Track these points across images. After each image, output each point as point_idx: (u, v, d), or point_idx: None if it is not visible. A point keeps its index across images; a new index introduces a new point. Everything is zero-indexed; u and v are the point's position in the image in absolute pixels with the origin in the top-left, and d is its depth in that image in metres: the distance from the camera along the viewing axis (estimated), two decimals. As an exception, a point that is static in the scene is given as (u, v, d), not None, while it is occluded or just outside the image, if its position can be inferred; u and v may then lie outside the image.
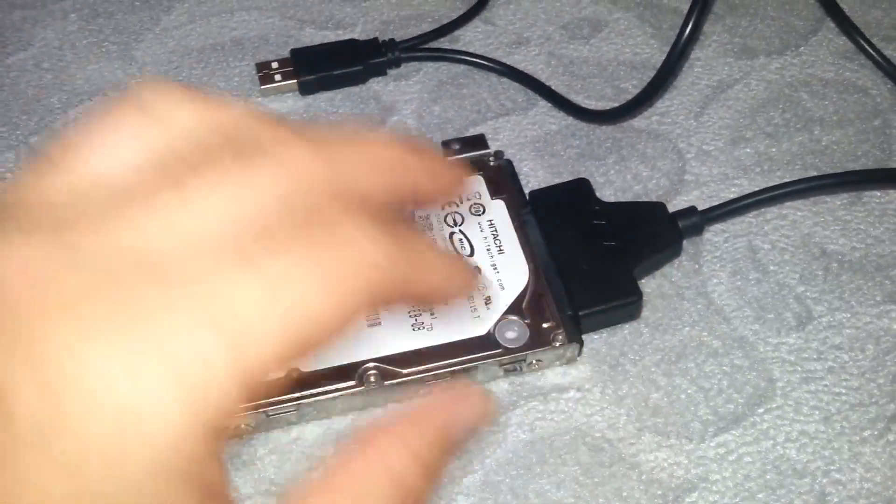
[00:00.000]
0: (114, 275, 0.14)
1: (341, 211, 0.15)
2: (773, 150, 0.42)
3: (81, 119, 0.16)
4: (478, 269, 0.35)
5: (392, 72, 0.46)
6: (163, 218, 0.14)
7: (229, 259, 0.14)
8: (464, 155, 0.39)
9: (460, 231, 0.37)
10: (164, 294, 0.14)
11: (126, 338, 0.13)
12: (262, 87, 0.44)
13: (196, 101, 0.16)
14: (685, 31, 0.37)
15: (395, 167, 0.18)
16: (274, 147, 0.16)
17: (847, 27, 0.46)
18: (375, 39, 0.45)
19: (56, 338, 0.13)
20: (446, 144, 0.40)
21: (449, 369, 0.33)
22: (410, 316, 0.34)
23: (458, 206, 0.37)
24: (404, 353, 0.33)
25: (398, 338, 0.34)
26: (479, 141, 0.40)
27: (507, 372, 0.34)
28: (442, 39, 0.47)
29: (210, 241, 0.14)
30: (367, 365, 0.33)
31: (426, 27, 0.47)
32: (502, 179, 0.39)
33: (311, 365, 0.33)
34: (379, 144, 0.18)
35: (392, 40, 0.45)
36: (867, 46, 0.45)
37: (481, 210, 0.37)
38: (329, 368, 0.33)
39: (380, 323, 0.34)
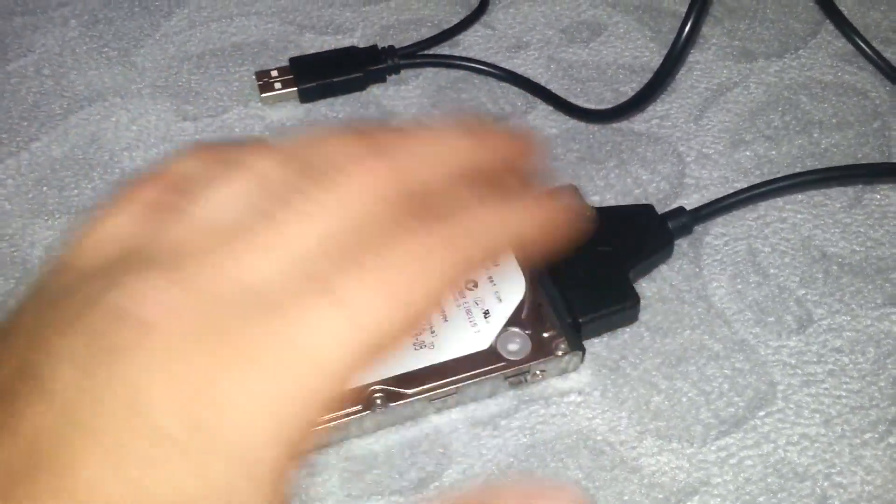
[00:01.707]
0: (225, 306, 0.16)
1: (400, 224, 0.18)
2: (773, 152, 0.42)
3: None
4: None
5: (392, 77, 0.46)
6: (258, 249, 0.17)
7: (311, 287, 0.17)
8: None
9: None
10: (264, 324, 0.16)
11: (240, 365, 0.16)
12: (263, 95, 0.44)
13: (273, 149, 0.19)
14: (684, 30, 0.37)
15: (453, 155, 0.21)
16: (344, 164, 0.18)
17: (846, 29, 0.46)
18: (374, 46, 0.46)
19: (188, 363, 0.16)
20: None
21: (454, 386, 0.33)
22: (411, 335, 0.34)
23: None
24: (408, 373, 0.33)
25: (400, 358, 0.33)
26: None
27: (512, 385, 0.34)
28: (442, 44, 0.47)
29: (296, 268, 0.17)
30: (372, 388, 0.32)
31: (426, 31, 0.47)
32: None
33: None
34: (435, 136, 0.21)
35: (391, 47, 0.45)
36: (866, 48, 0.45)
37: None
38: None
39: None
